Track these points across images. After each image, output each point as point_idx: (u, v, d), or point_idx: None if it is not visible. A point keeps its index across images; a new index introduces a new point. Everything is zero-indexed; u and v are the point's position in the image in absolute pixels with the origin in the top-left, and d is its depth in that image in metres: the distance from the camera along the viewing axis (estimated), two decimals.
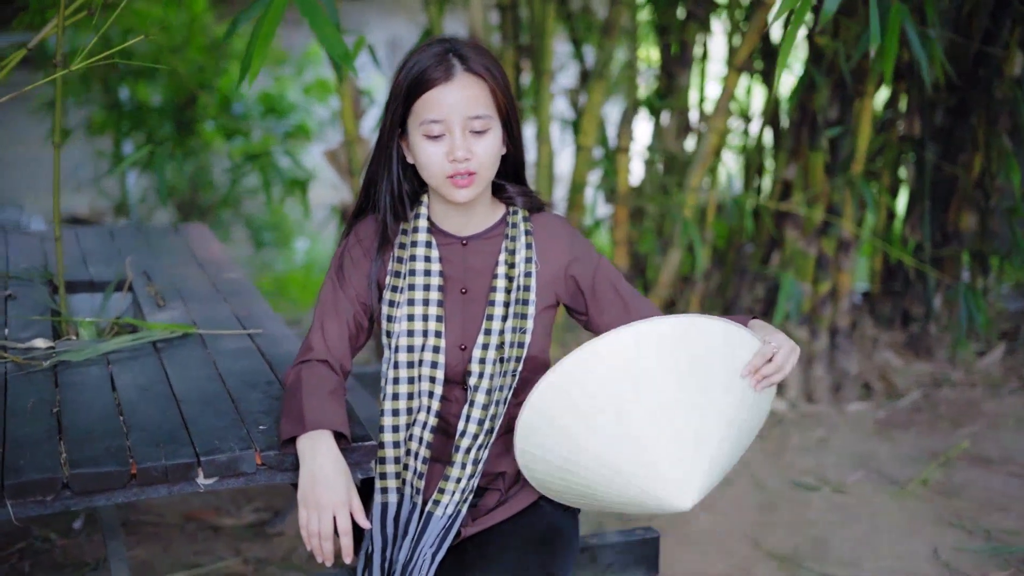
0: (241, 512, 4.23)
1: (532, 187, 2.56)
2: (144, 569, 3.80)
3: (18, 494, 2.08)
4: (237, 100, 8.94)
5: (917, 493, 4.41)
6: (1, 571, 3.74)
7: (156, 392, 2.55)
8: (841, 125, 5.13)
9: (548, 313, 2.50)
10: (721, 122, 5.24)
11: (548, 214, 2.53)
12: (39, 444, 2.24)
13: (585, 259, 2.50)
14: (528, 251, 2.44)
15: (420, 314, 2.42)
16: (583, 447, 2.20)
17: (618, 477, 2.19)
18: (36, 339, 2.86)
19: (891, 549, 3.98)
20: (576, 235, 2.54)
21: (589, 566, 2.80)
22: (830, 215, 5.23)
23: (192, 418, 2.40)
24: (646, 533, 2.87)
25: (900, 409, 5.21)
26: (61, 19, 3.01)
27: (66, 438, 2.27)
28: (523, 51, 5.63)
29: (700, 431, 2.17)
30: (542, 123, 5.37)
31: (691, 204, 5.29)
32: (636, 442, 2.15)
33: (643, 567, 2.85)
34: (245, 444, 2.26)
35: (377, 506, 2.40)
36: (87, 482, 2.12)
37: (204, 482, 2.22)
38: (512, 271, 2.42)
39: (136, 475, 2.15)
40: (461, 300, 2.45)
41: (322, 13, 2.72)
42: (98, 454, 2.19)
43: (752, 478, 4.54)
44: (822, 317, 5.33)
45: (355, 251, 2.49)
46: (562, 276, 2.48)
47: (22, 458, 2.17)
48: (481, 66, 2.33)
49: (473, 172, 2.31)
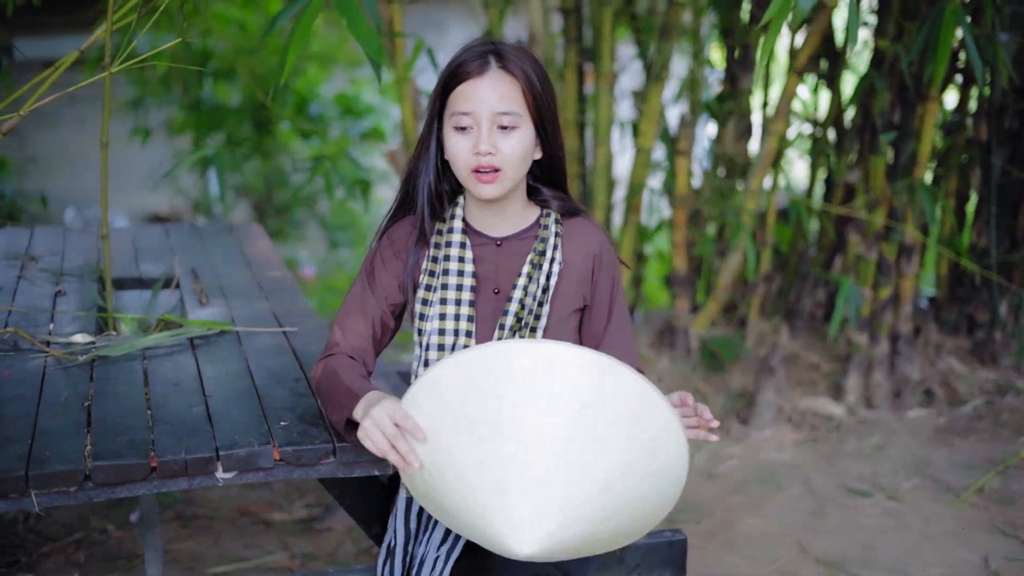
0: (293, 507, 4.30)
1: (580, 191, 2.57)
2: (193, 561, 3.87)
3: (42, 484, 2.15)
4: (313, 101, 9.06)
5: (972, 501, 4.36)
6: (57, 561, 3.83)
7: (186, 387, 2.61)
8: (903, 129, 5.07)
9: (576, 316, 2.53)
10: (781, 125, 5.21)
11: (582, 219, 2.55)
12: (67, 436, 2.31)
13: (607, 271, 2.53)
14: (555, 252, 2.46)
15: (452, 313, 2.45)
16: (449, 450, 2.09)
17: (470, 496, 2.08)
18: (77, 334, 2.93)
19: (940, 557, 3.94)
20: (607, 244, 2.55)
21: (616, 568, 2.82)
22: (891, 220, 5.18)
23: (217, 413, 2.45)
24: (673, 536, 2.88)
25: (961, 416, 5.15)
26: (110, 22, 3.08)
27: (93, 431, 2.34)
28: (586, 53, 5.64)
29: (569, 479, 2.02)
30: (600, 125, 5.38)
31: (751, 207, 5.28)
32: (502, 465, 2.03)
33: (670, 569, 2.86)
34: (265, 439, 2.31)
35: (401, 500, 2.45)
36: (108, 474, 2.18)
37: (223, 476, 2.27)
38: (534, 271, 2.45)
39: (156, 468, 2.21)
40: (493, 300, 2.48)
41: (358, 11, 2.76)
42: (121, 447, 2.25)
43: (804, 483, 4.52)
44: (882, 322, 5.28)
45: (386, 252, 2.53)
46: (589, 279, 2.51)
47: (48, 449, 2.24)
48: (517, 66, 2.35)
49: (498, 168, 2.34)
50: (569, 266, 2.48)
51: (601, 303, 2.52)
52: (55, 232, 4.27)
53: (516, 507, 2.02)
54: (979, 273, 5.41)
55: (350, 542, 4.01)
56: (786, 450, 4.86)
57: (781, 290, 5.80)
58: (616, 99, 5.65)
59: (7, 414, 2.44)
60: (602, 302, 2.52)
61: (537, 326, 2.44)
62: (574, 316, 2.52)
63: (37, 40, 7.22)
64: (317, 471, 2.33)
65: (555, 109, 2.44)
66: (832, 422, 5.09)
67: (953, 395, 5.30)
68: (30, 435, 2.31)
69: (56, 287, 3.47)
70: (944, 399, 5.28)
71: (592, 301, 2.52)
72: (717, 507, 4.32)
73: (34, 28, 7.81)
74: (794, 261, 5.76)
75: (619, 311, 2.54)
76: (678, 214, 5.44)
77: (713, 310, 5.56)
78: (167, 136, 8.84)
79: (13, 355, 2.83)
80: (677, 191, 5.41)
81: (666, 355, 5.39)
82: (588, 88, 5.85)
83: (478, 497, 2.06)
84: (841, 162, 5.52)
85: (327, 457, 2.32)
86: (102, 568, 3.79)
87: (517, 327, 2.42)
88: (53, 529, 4.04)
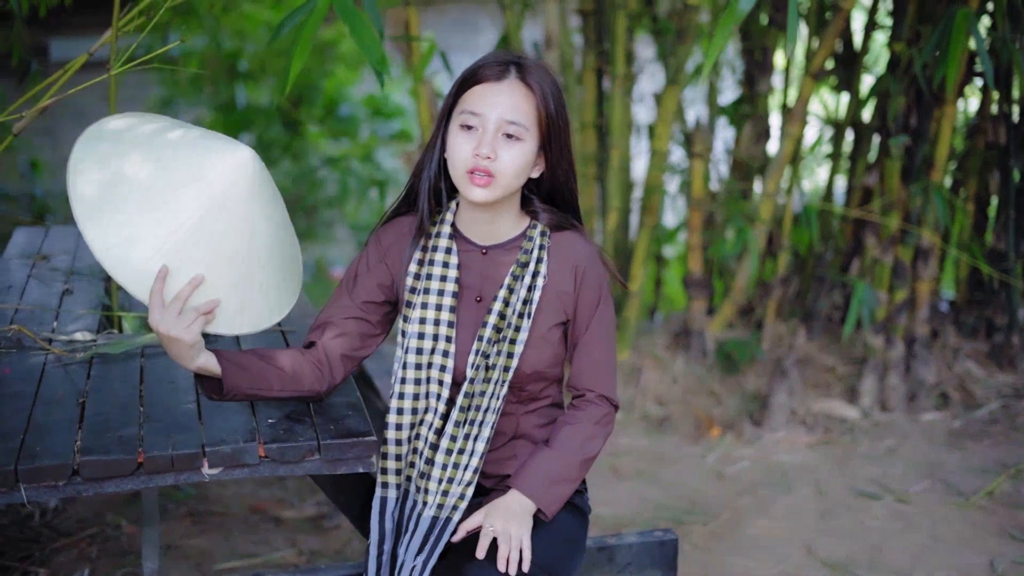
0: (303, 505, 4.35)
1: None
2: (203, 557, 3.93)
3: (31, 478, 2.21)
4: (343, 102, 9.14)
5: (981, 505, 4.35)
6: (69, 555, 3.90)
7: (180, 385, 2.66)
8: (919, 133, 5.07)
9: (559, 329, 2.54)
10: (797, 128, 5.23)
11: (572, 233, 2.55)
12: (58, 432, 2.37)
13: (590, 286, 2.52)
14: (539, 265, 2.48)
15: (432, 318, 2.48)
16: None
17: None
18: (78, 332, 2.99)
19: (947, 560, 3.94)
20: (594, 259, 2.54)
21: (606, 566, 2.85)
22: (908, 223, 5.18)
23: (208, 410, 2.50)
24: (664, 535, 2.91)
25: (976, 420, 5.13)
26: (115, 25, 3.13)
27: (85, 427, 2.39)
28: (606, 56, 5.66)
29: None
30: (615, 127, 5.41)
31: (766, 210, 5.29)
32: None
33: (660, 568, 2.89)
34: (251, 436, 2.35)
35: (377, 500, 2.49)
36: (96, 469, 2.23)
37: (209, 472, 2.31)
38: (516, 283, 2.47)
39: (142, 463, 2.26)
40: (475, 308, 2.50)
41: (361, 18, 2.80)
42: (109, 443, 2.30)
43: (814, 485, 4.53)
44: (897, 325, 5.27)
45: (372, 258, 2.56)
46: (571, 294, 2.51)
47: (39, 444, 2.30)
48: (535, 81, 2.39)
49: (492, 175, 2.36)
50: (552, 280, 2.49)
51: (582, 318, 2.53)
52: (69, 232, 4.33)
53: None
54: (997, 277, 5.39)
55: (357, 540, 4.05)
56: (798, 452, 4.86)
57: (798, 293, 5.80)
58: (634, 101, 5.67)
59: (4, 410, 2.50)
60: (583, 317, 2.53)
61: (516, 339, 2.46)
62: (556, 330, 2.53)
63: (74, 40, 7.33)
64: (302, 468, 2.37)
65: (566, 132, 2.45)
66: (846, 425, 5.09)
67: (969, 399, 5.29)
68: (23, 430, 2.37)
69: (64, 286, 3.53)
70: (960, 403, 5.27)
71: (575, 315, 2.53)
72: (725, 508, 4.33)
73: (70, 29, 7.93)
74: (811, 264, 5.76)
75: (598, 329, 2.54)
76: (694, 216, 5.46)
77: (729, 312, 5.57)
78: None
79: (15, 352, 2.89)
80: (693, 193, 5.42)
81: (681, 357, 5.41)
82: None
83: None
84: (858, 165, 5.52)
85: (311, 454, 2.36)
86: (113, 563, 3.86)
87: (496, 338, 2.45)
88: (68, 525, 4.11)
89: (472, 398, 2.45)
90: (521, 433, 2.56)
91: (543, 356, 2.50)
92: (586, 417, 2.53)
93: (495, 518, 2.37)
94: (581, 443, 2.50)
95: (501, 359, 2.44)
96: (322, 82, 8.91)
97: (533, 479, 2.45)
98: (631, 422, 5.15)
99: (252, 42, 8.61)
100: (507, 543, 2.32)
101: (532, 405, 2.56)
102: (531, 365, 2.48)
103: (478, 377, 2.44)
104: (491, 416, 2.45)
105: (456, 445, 2.45)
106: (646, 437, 5.05)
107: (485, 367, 2.45)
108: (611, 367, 2.57)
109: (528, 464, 2.48)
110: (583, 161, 5.53)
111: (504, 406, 2.50)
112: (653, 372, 5.35)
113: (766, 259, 5.63)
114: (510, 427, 2.55)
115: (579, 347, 2.54)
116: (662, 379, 5.33)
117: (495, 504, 2.42)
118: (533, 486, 2.44)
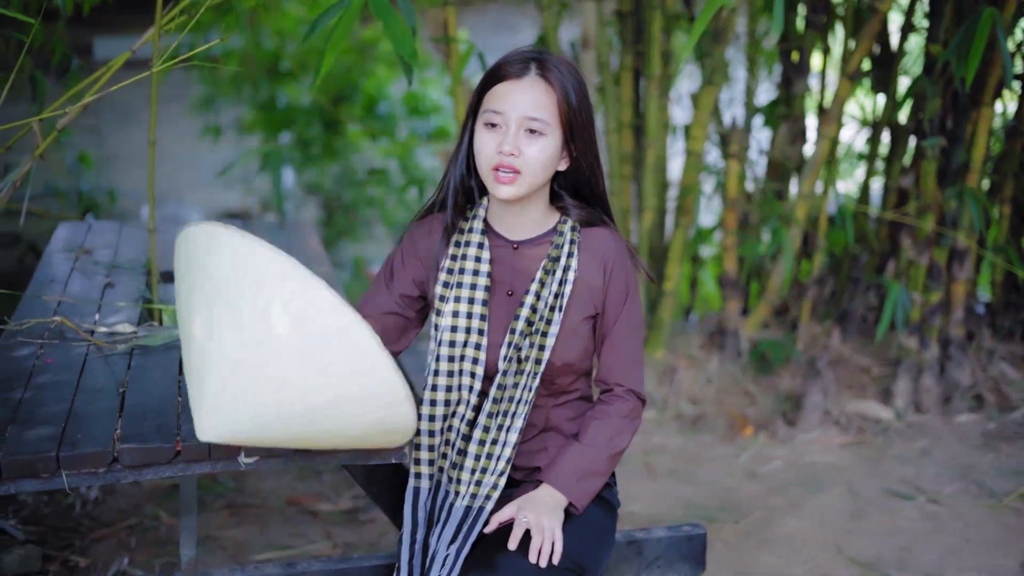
0: (339, 499, 4.40)
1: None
2: (239, 548, 3.99)
3: (72, 465, 2.27)
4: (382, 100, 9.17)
5: (1014, 507, 4.35)
6: (109, 544, 3.97)
7: None
8: (954, 135, 5.07)
9: (588, 323, 2.58)
10: (833, 130, 5.23)
11: (602, 229, 2.59)
12: (99, 420, 2.43)
13: (619, 281, 2.57)
14: (569, 260, 2.53)
15: (464, 312, 2.53)
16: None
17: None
18: (119, 324, 3.05)
19: (977, 561, 3.95)
20: (622, 254, 2.59)
21: (635, 560, 2.87)
22: (943, 225, 5.18)
23: None
24: (693, 529, 2.93)
25: (1011, 421, 5.12)
26: (159, 24, 3.19)
27: (124, 416, 2.46)
28: (641, 56, 5.68)
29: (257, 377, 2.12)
30: (650, 127, 5.43)
31: (801, 211, 5.30)
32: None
33: (689, 563, 2.91)
34: None
35: (410, 490, 2.53)
36: (135, 456, 2.29)
37: (245, 461, 2.37)
38: (547, 277, 2.51)
39: (180, 452, 2.32)
40: (507, 302, 2.55)
41: (395, 14, 2.84)
42: (148, 431, 2.37)
43: (846, 485, 4.54)
44: (932, 327, 5.27)
45: (407, 253, 2.62)
46: (600, 288, 2.56)
47: (80, 432, 2.36)
48: (555, 76, 2.43)
49: (518, 171, 2.41)
50: (582, 275, 2.54)
51: (610, 313, 2.57)
52: (111, 227, 4.40)
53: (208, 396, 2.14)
54: None
55: (392, 533, 4.09)
56: (831, 453, 4.87)
57: (833, 294, 5.80)
58: (672, 101, 5.69)
59: (46, 398, 2.56)
60: (611, 312, 2.57)
61: (548, 332, 2.50)
62: (586, 323, 2.57)
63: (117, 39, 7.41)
64: (336, 457, 2.42)
65: (590, 126, 2.50)
66: (879, 426, 5.10)
67: (1004, 401, 5.28)
68: (65, 419, 2.43)
69: (106, 279, 3.60)
70: (995, 404, 5.26)
71: (603, 309, 2.57)
72: (757, 507, 4.35)
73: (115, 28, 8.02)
74: (847, 265, 5.77)
75: (626, 324, 2.59)
76: (728, 217, 5.48)
77: (764, 312, 5.58)
78: (238, 135, 8.99)
79: (58, 343, 2.95)
80: (728, 194, 5.44)
81: (716, 356, 5.43)
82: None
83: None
84: (894, 167, 5.52)
85: None
86: (151, 553, 3.92)
87: (528, 331, 2.49)
88: (108, 515, 4.18)
89: (505, 390, 2.49)
90: (551, 426, 2.61)
91: (574, 349, 2.55)
92: (614, 412, 2.57)
93: (528, 511, 2.41)
94: (610, 437, 2.55)
95: (533, 352, 2.49)
96: (362, 81, 8.94)
97: (563, 474, 2.50)
98: (665, 421, 5.18)
99: (292, 40, 8.66)
100: (540, 535, 2.36)
101: (562, 398, 2.60)
102: (562, 358, 2.53)
103: (510, 370, 2.49)
104: (523, 408, 2.50)
105: (489, 436, 2.49)
106: (680, 436, 5.07)
107: (517, 360, 2.49)
108: (638, 362, 2.61)
109: (558, 459, 2.53)
110: (619, 161, 5.55)
111: (535, 399, 2.54)
112: (688, 371, 5.38)
113: (801, 260, 5.64)
114: (540, 420, 2.59)
115: (607, 342, 2.58)
116: (696, 378, 5.36)
117: (527, 497, 2.46)
118: (564, 481, 2.49)
